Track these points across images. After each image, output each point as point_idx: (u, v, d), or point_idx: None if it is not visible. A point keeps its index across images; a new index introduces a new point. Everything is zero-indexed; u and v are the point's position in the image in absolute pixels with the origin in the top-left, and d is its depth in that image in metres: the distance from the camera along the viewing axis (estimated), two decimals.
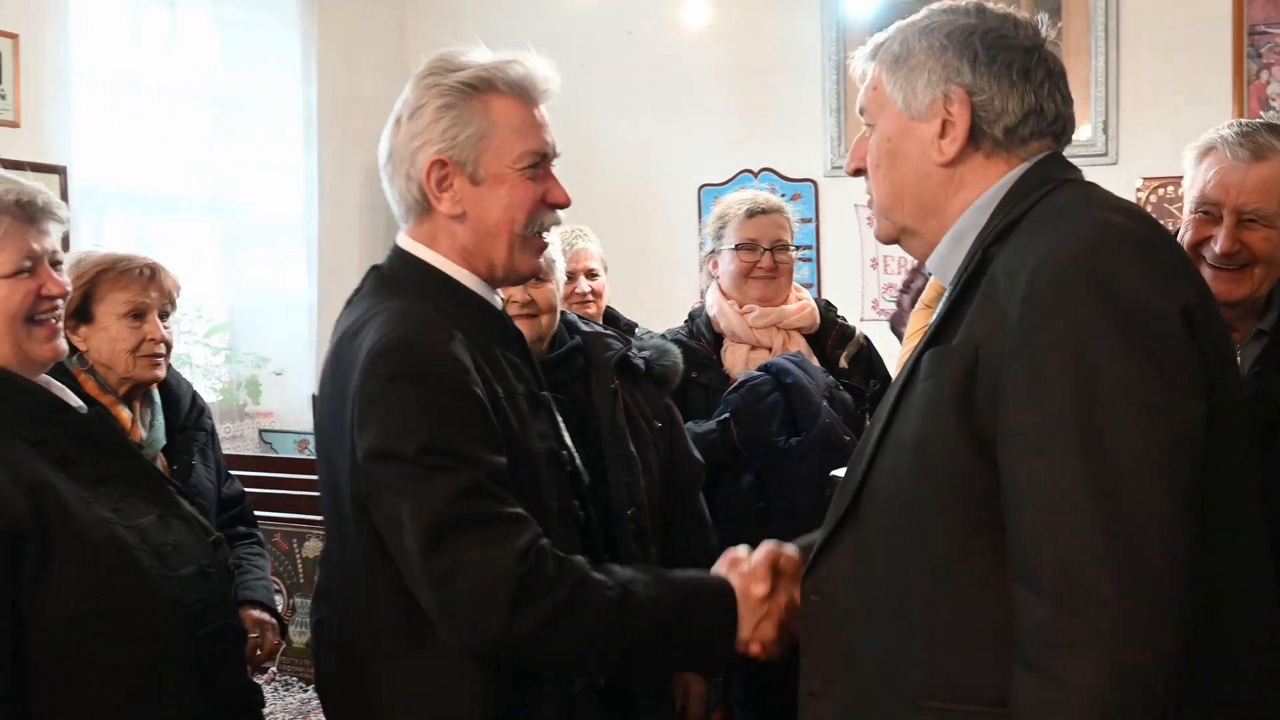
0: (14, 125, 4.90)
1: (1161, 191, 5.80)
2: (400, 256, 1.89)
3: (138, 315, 2.51)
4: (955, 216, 1.57)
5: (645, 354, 2.77)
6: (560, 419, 1.99)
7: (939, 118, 1.56)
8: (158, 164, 5.87)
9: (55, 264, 1.98)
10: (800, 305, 3.20)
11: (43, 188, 1.98)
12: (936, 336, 1.49)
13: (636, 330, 3.00)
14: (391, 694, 1.83)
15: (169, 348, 2.57)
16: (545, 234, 1.90)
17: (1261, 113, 5.60)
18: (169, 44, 5.96)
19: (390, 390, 1.73)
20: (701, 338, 3.11)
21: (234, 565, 2.11)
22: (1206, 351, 1.38)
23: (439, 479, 1.69)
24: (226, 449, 5.78)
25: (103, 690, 1.83)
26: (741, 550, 1.89)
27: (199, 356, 6.10)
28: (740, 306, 3.07)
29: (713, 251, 3.17)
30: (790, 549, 1.87)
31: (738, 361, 3.05)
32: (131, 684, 1.85)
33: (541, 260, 1.95)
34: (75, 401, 2.03)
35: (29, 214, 1.93)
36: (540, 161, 1.86)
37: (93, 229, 5.28)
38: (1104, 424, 1.30)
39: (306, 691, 3.03)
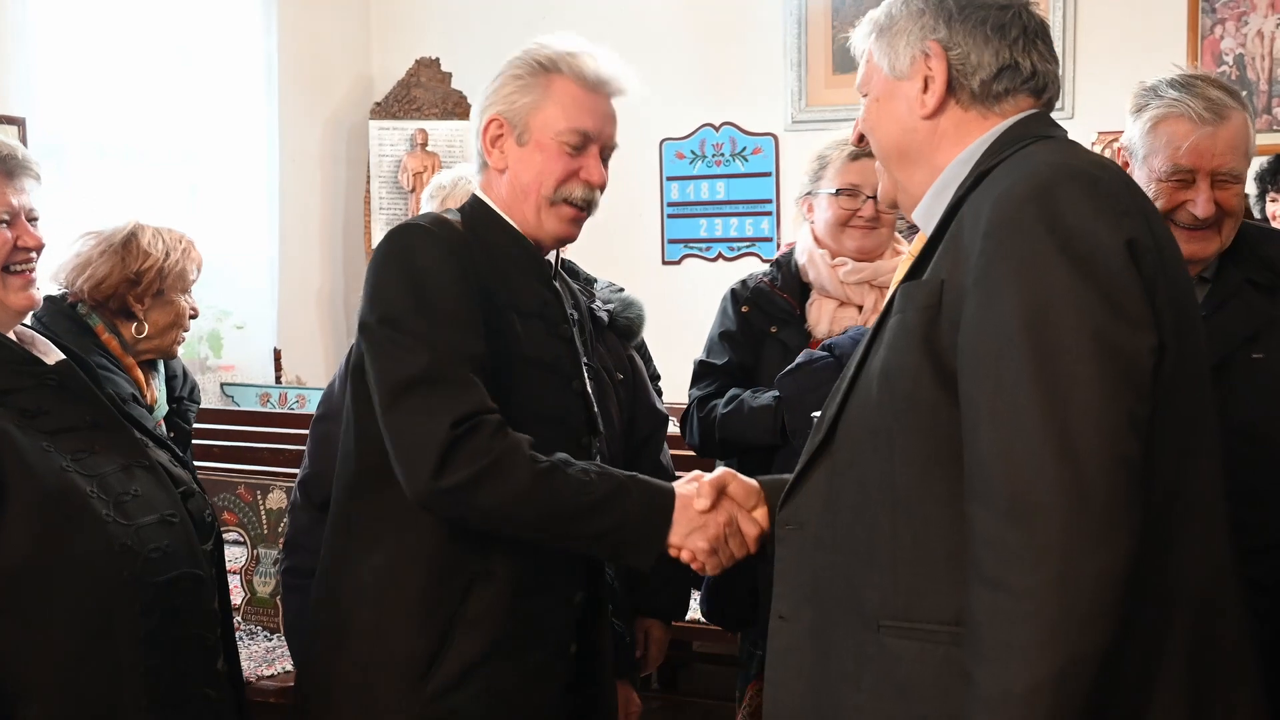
0: None
1: (1116, 145, 5.86)
2: (472, 198, 2.12)
3: (186, 292, 2.87)
4: (940, 170, 1.64)
5: (610, 306, 2.81)
6: (586, 372, 2.14)
7: (920, 75, 1.63)
8: (118, 116, 5.84)
9: (32, 220, 2.02)
10: (900, 261, 2.98)
11: (20, 145, 2.04)
12: (909, 276, 1.58)
13: (596, 284, 3.03)
14: (351, 625, 2.00)
15: None
16: (578, 206, 2.07)
17: (1216, 67, 5.67)
18: None
19: (380, 266, 1.97)
20: (787, 288, 2.81)
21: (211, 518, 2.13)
22: (1156, 288, 1.44)
23: (400, 349, 1.91)
24: None
25: (55, 634, 1.86)
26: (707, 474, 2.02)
27: None
28: (833, 258, 2.75)
29: (808, 194, 2.85)
30: (746, 479, 1.98)
31: (823, 318, 2.75)
32: (85, 628, 1.87)
33: (574, 230, 2.11)
34: (56, 355, 2.05)
35: (8, 169, 1.98)
36: (584, 142, 2.05)
37: (53, 180, 5.24)
38: (1055, 349, 1.37)
39: (271, 640, 3.06)
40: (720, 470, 1.99)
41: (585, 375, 2.14)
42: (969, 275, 1.45)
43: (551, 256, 2.16)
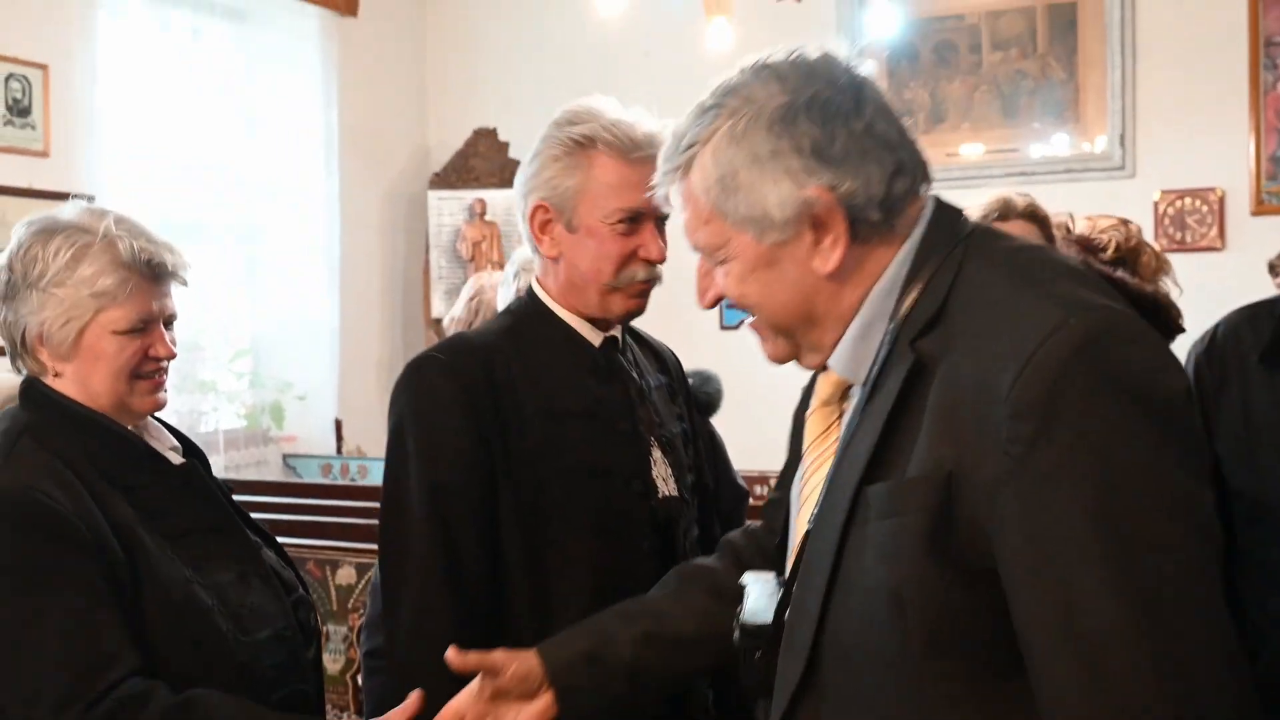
0: (44, 155, 4.98)
1: (1180, 204, 5.81)
2: (528, 290, 2.07)
3: None
4: (853, 310, 1.33)
5: (689, 381, 2.81)
6: (658, 453, 2.04)
7: (807, 225, 1.30)
8: (182, 191, 5.94)
9: (170, 323, 1.98)
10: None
11: (173, 247, 1.99)
12: (877, 466, 1.27)
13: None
14: None
15: None
16: (642, 283, 1.98)
17: (1278, 123, 5.61)
18: (193, 72, 6.02)
19: (399, 412, 1.95)
20: None
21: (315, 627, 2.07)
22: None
23: (399, 535, 1.93)
24: (250, 474, 5.87)
25: None
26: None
27: (223, 382, 6.15)
28: None
29: None
30: (523, 660, 1.66)
31: None
32: None
33: (641, 302, 2.02)
34: (171, 444, 2.03)
35: (154, 274, 1.94)
36: (637, 218, 1.94)
37: None
38: (1136, 538, 1.12)
39: (342, 717, 3.05)
40: (496, 653, 1.66)
41: (655, 472, 2.02)
42: (996, 466, 1.16)
43: (616, 332, 2.07)
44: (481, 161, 6.90)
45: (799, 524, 1.41)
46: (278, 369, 6.40)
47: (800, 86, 1.30)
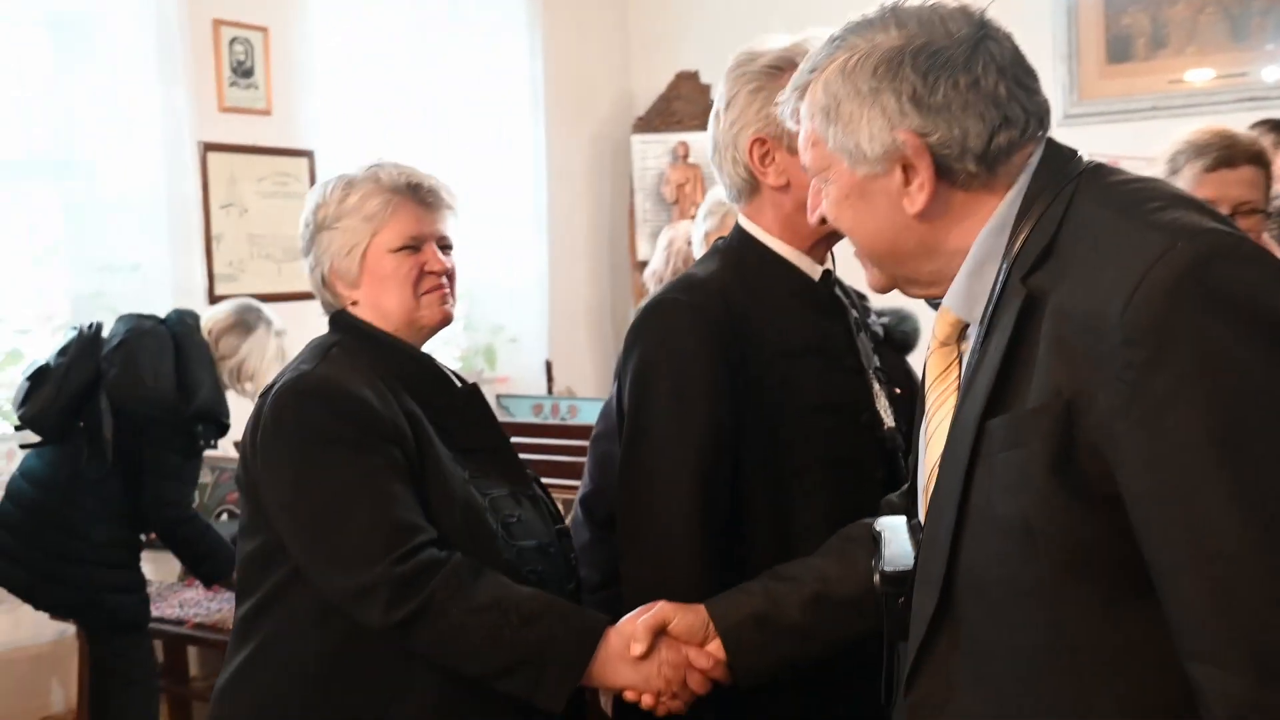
0: (266, 114, 5.22)
1: None
2: (736, 230, 2.06)
3: None
4: (962, 251, 1.36)
5: (884, 319, 2.80)
6: (879, 389, 2.07)
7: (897, 164, 1.35)
8: (395, 143, 6.13)
9: (445, 246, 2.14)
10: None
11: (437, 179, 2.17)
12: (998, 400, 1.28)
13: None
14: None
15: None
16: None
17: None
18: (402, 29, 6.20)
19: (642, 355, 1.97)
20: None
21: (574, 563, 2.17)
22: None
23: (645, 491, 1.94)
24: None
25: None
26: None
27: None
28: None
29: None
30: (690, 609, 1.84)
31: None
32: None
33: None
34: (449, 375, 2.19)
35: (418, 196, 2.11)
36: None
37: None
38: (1257, 456, 1.11)
39: None
40: (659, 606, 1.84)
41: (879, 404, 2.05)
42: (1112, 395, 1.16)
43: (831, 264, 2.06)
44: (684, 104, 6.92)
45: (927, 463, 1.43)
46: (490, 313, 6.59)
47: (916, 34, 1.34)
